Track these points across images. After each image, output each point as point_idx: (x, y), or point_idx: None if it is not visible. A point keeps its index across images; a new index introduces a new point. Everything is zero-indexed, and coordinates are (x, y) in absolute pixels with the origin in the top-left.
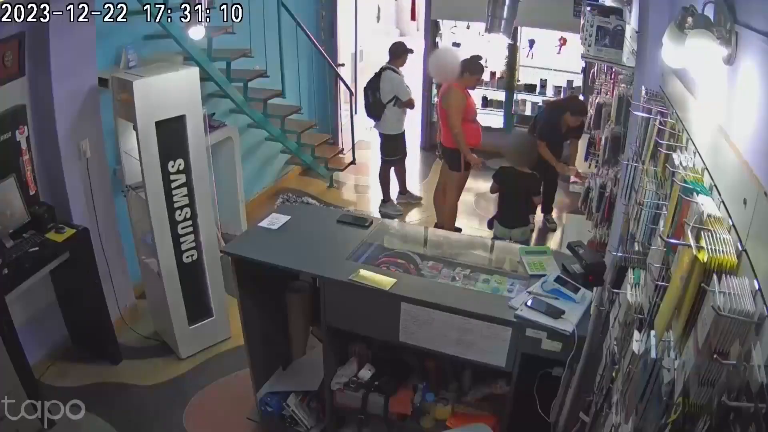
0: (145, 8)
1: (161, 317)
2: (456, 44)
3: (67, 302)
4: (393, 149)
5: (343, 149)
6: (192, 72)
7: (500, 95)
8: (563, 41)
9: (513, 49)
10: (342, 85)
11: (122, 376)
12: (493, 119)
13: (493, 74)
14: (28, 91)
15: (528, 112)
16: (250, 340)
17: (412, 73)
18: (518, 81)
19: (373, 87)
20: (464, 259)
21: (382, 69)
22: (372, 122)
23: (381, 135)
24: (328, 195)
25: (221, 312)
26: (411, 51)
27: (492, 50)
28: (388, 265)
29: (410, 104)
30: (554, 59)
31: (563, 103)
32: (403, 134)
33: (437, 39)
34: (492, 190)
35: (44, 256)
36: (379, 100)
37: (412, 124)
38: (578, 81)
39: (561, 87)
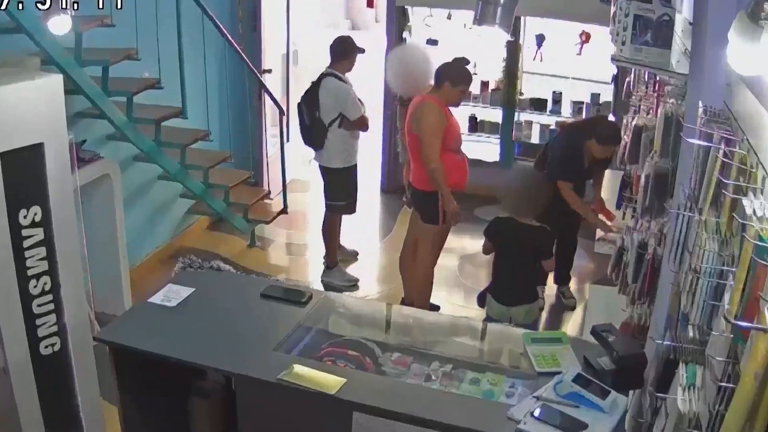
0: None
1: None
2: (432, 41)
3: None
4: (340, 190)
5: (269, 192)
6: (53, 81)
7: (495, 115)
8: (585, 38)
9: (514, 49)
10: (269, 101)
11: None
12: (484, 149)
13: (485, 85)
14: None
15: (535, 138)
16: None
17: (367, 81)
18: (521, 94)
19: (310, 101)
20: (444, 350)
21: (322, 76)
22: (311, 152)
23: (323, 170)
24: (249, 258)
25: (95, 424)
26: (361, 50)
27: (484, 50)
28: (335, 359)
29: (362, 125)
30: (573, 63)
31: (586, 127)
32: (353, 168)
33: (405, 34)
34: (484, 251)
35: None
36: (319, 119)
37: (368, 155)
38: (607, 94)
39: (582, 103)
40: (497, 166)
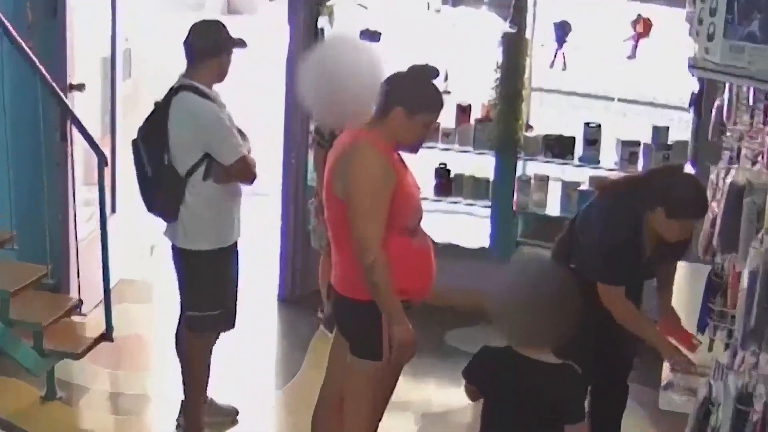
0: None
1: None
2: (369, 35)
3: None
4: (209, 289)
5: (81, 303)
6: None
7: (482, 165)
8: (643, 28)
9: (516, 48)
10: (80, 140)
11: None
12: (463, 226)
13: (463, 111)
14: None
15: (553, 208)
16: None
17: (253, 99)
18: (528, 129)
19: (153, 137)
20: None
21: (174, 91)
22: (158, 226)
23: (179, 255)
24: (44, 419)
25: None
26: (238, 43)
27: (462, 51)
28: None
29: (244, 174)
30: (621, 73)
31: (646, 187)
32: (230, 252)
33: (321, 21)
34: (469, 396)
35: None
36: (170, 167)
37: (257, 236)
38: (682, 129)
39: (638, 144)
40: (486, 256)
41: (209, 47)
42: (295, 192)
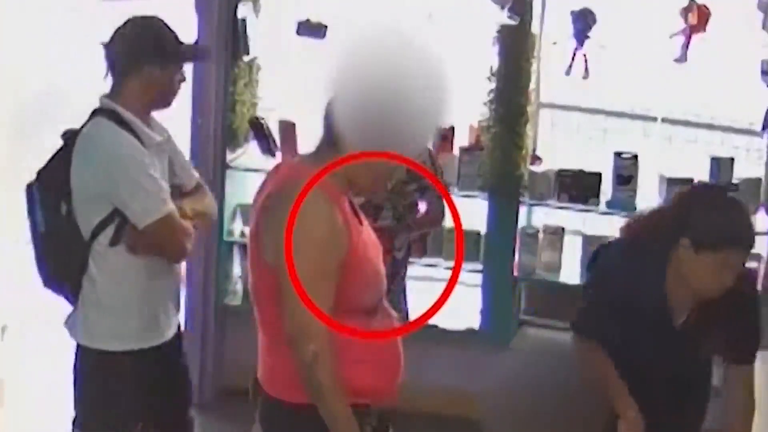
0: None
1: None
2: (310, 28)
3: None
4: (117, 410)
5: None
6: None
7: (469, 212)
8: (697, 19)
9: (518, 49)
10: None
11: None
12: (447, 305)
13: (443, 136)
14: None
15: (570, 273)
16: None
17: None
18: (535, 161)
19: (54, 179)
20: None
21: (91, 116)
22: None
23: (77, 353)
24: None
25: None
26: (193, 52)
27: (440, 50)
28: None
29: (160, 244)
30: (663, 82)
31: (676, 214)
32: (160, 355)
33: (242, 9)
34: None
35: None
36: (69, 220)
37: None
38: (751, 162)
39: (690, 183)
40: (475, 341)
41: (138, 55)
42: (206, 251)
